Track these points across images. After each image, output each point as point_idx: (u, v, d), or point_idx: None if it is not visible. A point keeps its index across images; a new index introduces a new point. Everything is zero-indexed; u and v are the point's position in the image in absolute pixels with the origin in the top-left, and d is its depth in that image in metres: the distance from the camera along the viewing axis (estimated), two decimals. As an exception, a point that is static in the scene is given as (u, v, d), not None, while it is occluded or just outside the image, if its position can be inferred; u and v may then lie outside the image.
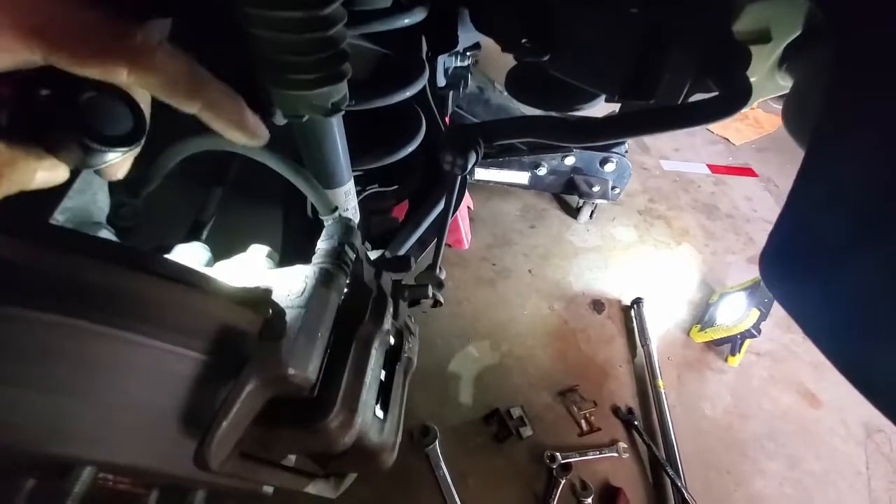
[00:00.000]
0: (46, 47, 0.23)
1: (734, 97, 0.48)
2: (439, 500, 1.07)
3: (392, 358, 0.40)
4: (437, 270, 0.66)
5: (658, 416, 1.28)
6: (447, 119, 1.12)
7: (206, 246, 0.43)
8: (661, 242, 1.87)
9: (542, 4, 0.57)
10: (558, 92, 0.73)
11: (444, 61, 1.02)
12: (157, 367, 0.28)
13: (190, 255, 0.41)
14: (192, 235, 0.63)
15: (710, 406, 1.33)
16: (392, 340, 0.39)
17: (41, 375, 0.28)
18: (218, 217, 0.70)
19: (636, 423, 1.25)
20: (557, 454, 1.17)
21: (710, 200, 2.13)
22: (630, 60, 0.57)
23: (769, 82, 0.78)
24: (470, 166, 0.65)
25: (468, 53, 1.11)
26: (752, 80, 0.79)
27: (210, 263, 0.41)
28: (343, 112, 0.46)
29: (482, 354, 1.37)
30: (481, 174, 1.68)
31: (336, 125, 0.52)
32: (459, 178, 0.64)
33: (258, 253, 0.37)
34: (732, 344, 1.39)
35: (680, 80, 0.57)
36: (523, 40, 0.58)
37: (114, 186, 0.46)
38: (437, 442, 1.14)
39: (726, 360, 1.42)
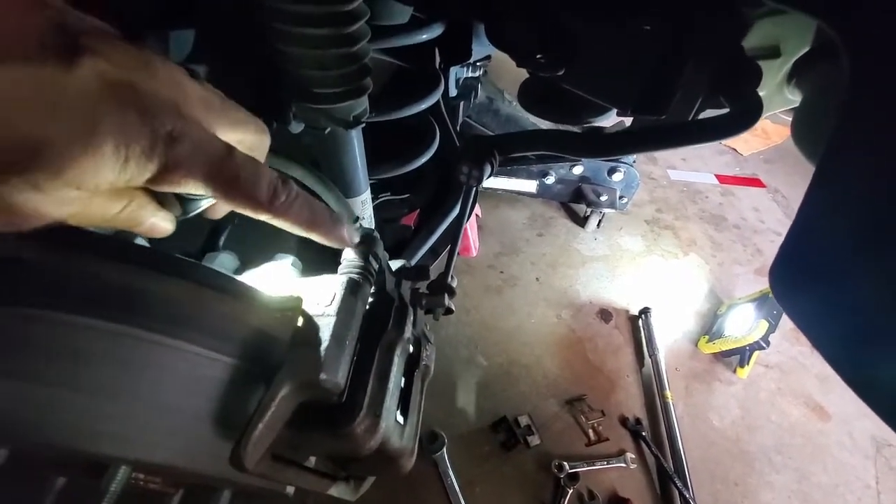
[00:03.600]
0: (221, 194, 0.27)
1: (745, 114, 0.49)
2: (446, 507, 1.07)
3: (411, 365, 0.41)
4: (450, 279, 0.67)
5: (666, 427, 1.27)
6: (458, 128, 1.14)
7: (233, 254, 0.44)
8: (669, 252, 1.87)
9: (557, 21, 0.58)
10: (571, 105, 0.74)
11: (456, 72, 1.04)
12: (192, 371, 0.29)
13: (220, 263, 0.42)
14: (209, 243, 0.64)
15: (718, 417, 1.33)
16: (411, 348, 0.40)
17: (82, 377, 0.30)
18: (233, 226, 0.72)
19: (644, 433, 1.25)
20: (565, 463, 1.16)
21: (718, 211, 2.13)
22: (643, 76, 0.59)
23: (778, 96, 0.79)
24: (485, 178, 0.66)
25: (479, 64, 1.13)
26: (761, 94, 0.80)
27: (238, 272, 0.43)
28: (363, 124, 0.48)
29: (490, 362, 1.37)
30: (489, 182, 1.69)
31: (356, 136, 0.53)
32: (474, 188, 0.65)
33: (284, 262, 0.39)
34: (741, 356, 1.38)
35: (692, 96, 0.58)
36: (538, 56, 0.60)
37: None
38: (444, 449, 1.14)
39: (734, 371, 1.41)
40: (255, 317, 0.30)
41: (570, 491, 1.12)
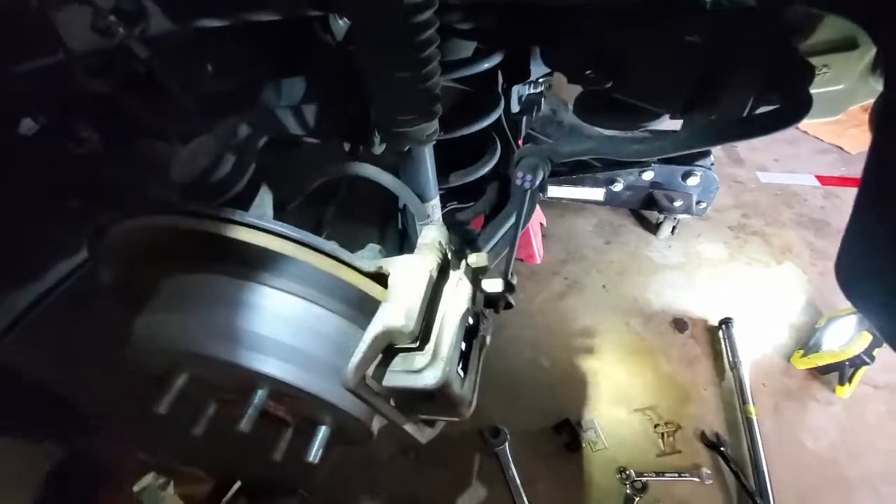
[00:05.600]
0: None
1: (790, 110, 0.51)
2: (508, 499, 1.12)
3: (471, 334, 0.49)
4: (510, 276, 0.74)
5: (749, 445, 1.19)
6: (520, 141, 1.22)
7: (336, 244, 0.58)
8: (758, 261, 1.73)
9: (602, 40, 0.64)
10: (624, 112, 0.78)
11: (518, 90, 1.12)
12: (320, 321, 0.42)
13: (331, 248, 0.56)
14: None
15: (813, 439, 1.20)
16: (471, 321, 0.49)
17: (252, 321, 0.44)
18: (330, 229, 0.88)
19: (723, 449, 1.18)
20: (632, 471, 1.15)
21: (819, 215, 1.92)
22: (690, 82, 0.62)
23: (863, 87, 0.76)
24: (538, 181, 0.73)
25: (540, 80, 1.20)
26: (841, 86, 0.78)
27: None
28: (434, 142, 0.59)
29: (553, 365, 1.40)
30: (554, 191, 1.72)
31: (428, 152, 0.65)
32: (529, 192, 0.73)
33: (374, 248, 0.51)
34: (841, 372, 1.24)
35: (742, 96, 0.60)
36: (586, 72, 0.66)
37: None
38: (507, 444, 1.19)
39: (834, 390, 1.27)
40: (362, 281, 0.42)
41: (638, 499, 1.10)
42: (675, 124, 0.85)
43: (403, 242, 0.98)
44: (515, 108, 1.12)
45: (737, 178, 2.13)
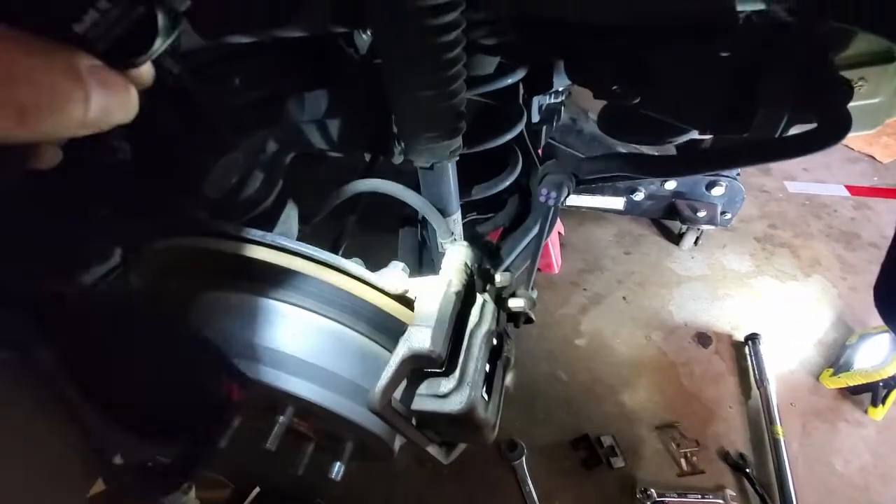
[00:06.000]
0: None
1: (828, 131, 0.49)
2: (525, 515, 1.10)
3: (494, 356, 0.49)
4: (530, 290, 0.74)
5: (776, 467, 1.15)
6: (540, 151, 1.21)
7: (359, 260, 0.58)
8: (785, 274, 1.68)
9: (631, 55, 0.63)
10: (650, 128, 0.77)
11: (539, 100, 1.12)
12: (347, 343, 0.42)
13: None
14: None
15: (843, 462, 1.15)
16: (495, 342, 0.49)
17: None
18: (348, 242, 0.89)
19: (748, 470, 1.14)
20: (653, 490, 1.12)
21: (850, 227, 1.85)
22: (722, 98, 0.61)
23: (901, 101, 0.73)
24: (563, 198, 0.73)
25: (561, 90, 1.20)
26: (878, 99, 0.75)
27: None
28: (458, 157, 0.59)
29: (571, 379, 1.38)
30: (573, 200, 1.70)
31: (450, 166, 0.65)
32: (552, 208, 0.72)
33: (398, 266, 0.51)
34: (874, 393, 1.19)
35: (776, 114, 0.59)
36: (613, 87, 0.65)
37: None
38: (524, 458, 1.18)
39: (866, 411, 1.22)
40: (387, 305, 0.42)
41: (658, 520, 1.07)
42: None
43: (422, 253, 0.98)
44: (536, 117, 1.11)
45: (763, 187, 2.07)
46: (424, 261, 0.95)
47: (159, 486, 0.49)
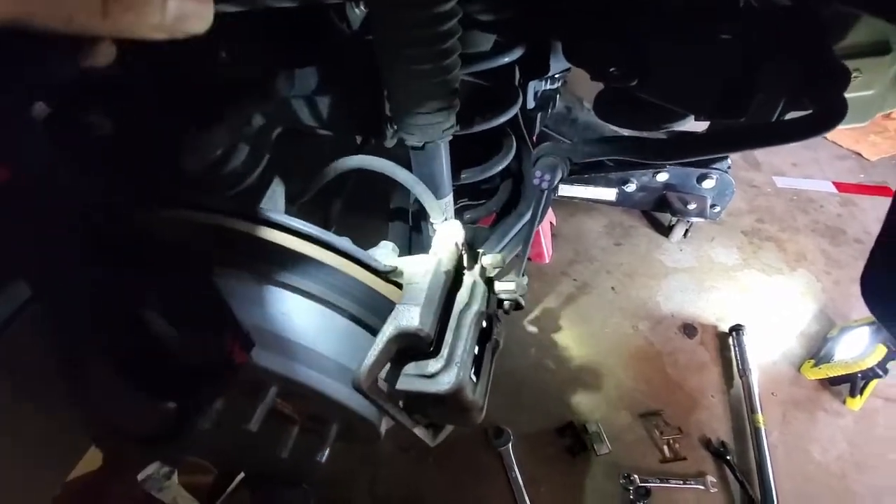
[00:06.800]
0: None
1: (824, 116, 0.48)
2: (510, 500, 1.11)
3: (484, 338, 0.48)
4: (521, 276, 0.73)
5: (756, 454, 1.17)
6: (534, 138, 1.19)
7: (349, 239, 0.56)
8: (771, 267, 1.70)
9: (630, 36, 0.62)
10: (646, 113, 0.76)
11: (535, 85, 1.10)
12: (333, 321, 0.41)
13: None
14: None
15: (821, 450, 1.19)
16: (484, 324, 0.48)
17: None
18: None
19: (729, 457, 1.17)
20: (635, 476, 1.14)
21: (836, 223, 1.88)
22: (720, 82, 0.60)
23: (893, 94, 0.73)
24: (557, 181, 0.71)
25: (557, 76, 1.18)
26: (871, 92, 0.75)
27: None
28: (451, 137, 0.57)
29: (558, 367, 1.39)
30: (565, 190, 1.69)
31: (443, 148, 0.63)
32: (545, 192, 0.71)
33: (388, 246, 0.49)
34: (852, 384, 1.22)
35: (773, 99, 0.58)
36: (611, 69, 0.64)
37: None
38: (510, 444, 1.18)
39: (844, 402, 1.25)
40: (375, 283, 0.41)
41: (640, 505, 1.09)
42: (697, 125, 0.83)
43: (412, 237, 0.96)
44: (531, 104, 1.09)
45: (752, 182, 2.09)
46: (414, 244, 0.93)
47: (149, 447, 0.47)
